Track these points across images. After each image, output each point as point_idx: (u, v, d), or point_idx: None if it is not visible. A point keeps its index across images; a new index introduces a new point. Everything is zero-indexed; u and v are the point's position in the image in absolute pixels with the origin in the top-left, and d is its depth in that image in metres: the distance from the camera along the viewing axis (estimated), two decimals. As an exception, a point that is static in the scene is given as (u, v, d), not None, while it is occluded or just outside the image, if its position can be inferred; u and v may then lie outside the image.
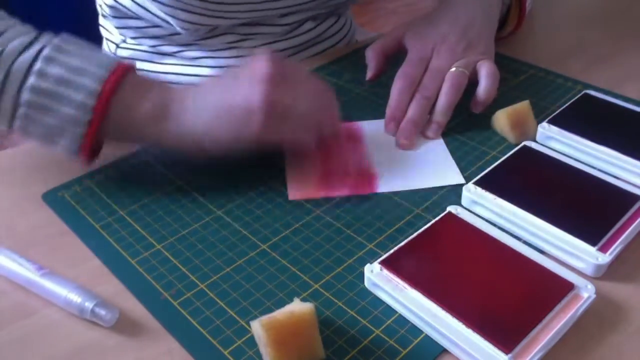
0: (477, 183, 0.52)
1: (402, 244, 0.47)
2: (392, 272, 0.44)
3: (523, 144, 0.57)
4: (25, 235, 0.51)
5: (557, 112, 0.61)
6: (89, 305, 0.42)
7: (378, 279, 0.44)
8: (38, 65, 0.48)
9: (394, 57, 0.68)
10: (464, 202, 0.52)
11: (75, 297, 0.43)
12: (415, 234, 0.47)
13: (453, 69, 0.62)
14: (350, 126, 0.63)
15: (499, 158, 0.55)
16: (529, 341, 0.39)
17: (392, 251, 0.46)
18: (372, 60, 0.69)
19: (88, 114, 0.49)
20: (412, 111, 0.60)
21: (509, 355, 0.38)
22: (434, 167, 0.57)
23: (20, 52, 0.49)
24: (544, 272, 0.44)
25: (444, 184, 0.55)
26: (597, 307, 0.43)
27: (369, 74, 0.69)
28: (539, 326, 0.40)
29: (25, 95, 0.48)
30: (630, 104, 0.62)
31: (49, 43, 0.50)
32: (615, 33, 0.82)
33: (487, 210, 0.51)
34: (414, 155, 0.59)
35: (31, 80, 0.48)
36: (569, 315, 0.41)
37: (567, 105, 0.62)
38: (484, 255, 0.46)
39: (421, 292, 0.42)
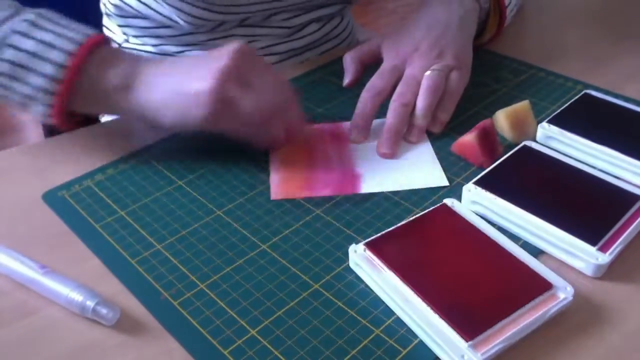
0: (477, 183, 0.52)
1: (391, 228, 0.47)
2: (374, 254, 0.45)
3: (523, 144, 0.57)
4: (25, 235, 0.51)
5: (557, 112, 0.61)
6: (90, 303, 0.42)
7: (360, 259, 0.45)
8: (13, 38, 0.53)
9: (374, 65, 0.67)
10: (463, 201, 0.52)
11: (76, 296, 0.43)
12: (405, 221, 0.48)
13: (428, 72, 0.62)
14: (335, 126, 0.63)
15: (499, 158, 0.55)
16: (492, 333, 0.40)
17: (379, 234, 0.47)
18: (349, 66, 0.69)
19: (56, 85, 0.53)
20: (391, 120, 0.60)
21: (469, 342, 0.39)
22: (418, 168, 0.57)
23: None
24: (524, 270, 0.44)
25: (427, 186, 0.55)
26: (596, 307, 0.43)
27: (346, 80, 0.69)
28: (506, 320, 0.40)
29: (1, 67, 0.53)
30: (630, 104, 0.62)
31: (25, 17, 0.54)
32: (615, 33, 0.82)
33: (486, 209, 0.51)
34: (399, 157, 0.59)
35: (7, 53, 0.53)
36: (539, 313, 0.41)
37: (567, 105, 0.62)
38: (468, 247, 0.46)
39: (397, 275, 0.43)
